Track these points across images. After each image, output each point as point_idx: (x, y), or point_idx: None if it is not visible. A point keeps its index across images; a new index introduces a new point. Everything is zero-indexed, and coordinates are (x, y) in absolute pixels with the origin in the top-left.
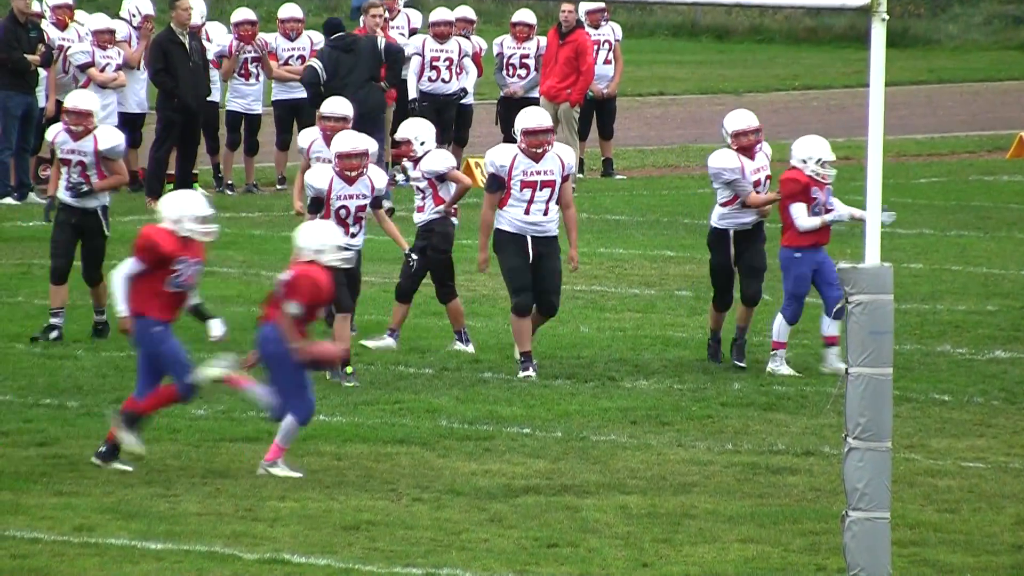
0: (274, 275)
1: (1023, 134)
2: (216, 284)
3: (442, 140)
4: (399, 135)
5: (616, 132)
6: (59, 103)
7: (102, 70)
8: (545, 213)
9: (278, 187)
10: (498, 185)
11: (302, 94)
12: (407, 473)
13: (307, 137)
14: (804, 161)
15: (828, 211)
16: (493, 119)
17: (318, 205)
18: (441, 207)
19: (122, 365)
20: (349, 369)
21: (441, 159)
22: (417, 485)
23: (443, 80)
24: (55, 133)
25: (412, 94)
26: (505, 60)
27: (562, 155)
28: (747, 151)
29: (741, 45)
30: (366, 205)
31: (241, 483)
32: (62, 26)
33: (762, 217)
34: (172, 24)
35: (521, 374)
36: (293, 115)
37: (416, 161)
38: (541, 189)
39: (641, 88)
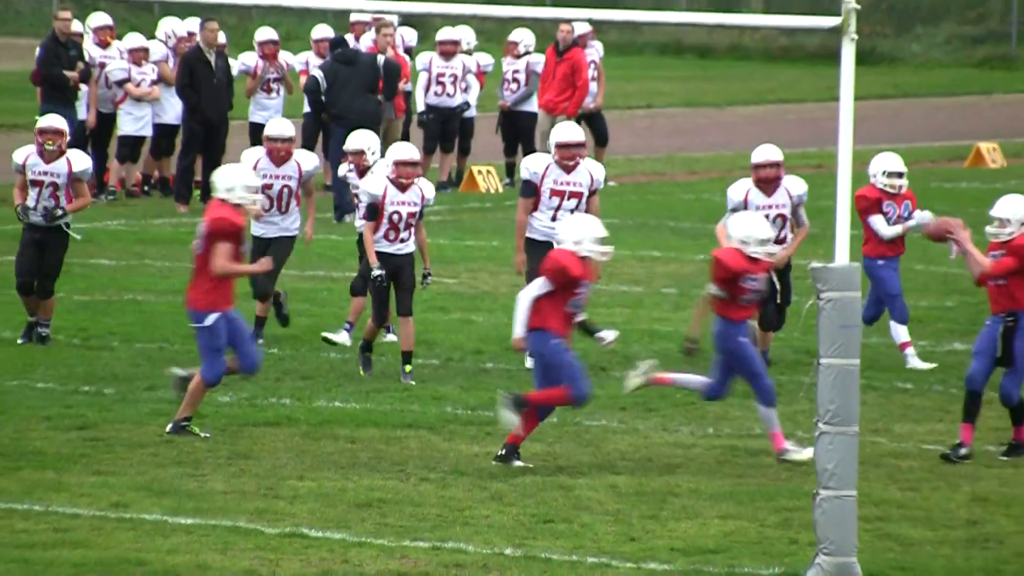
0: (305, 275)
1: (980, 144)
2: (242, 282)
3: (446, 149)
4: (353, 146)
5: (608, 141)
6: (99, 114)
7: (137, 85)
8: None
9: None
10: (531, 190)
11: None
12: (415, 455)
13: (253, 156)
14: (874, 176)
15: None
16: (494, 129)
17: (373, 211)
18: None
19: (155, 356)
20: (408, 368)
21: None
22: (424, 466)
23: (448, 94)
24: (25, 155)
25: (419, 107)
26: (507, 80)
27: (592, 170)
28: (765, 184)
29: (722, 62)
30: (416, 212)
31: (263, 464)
32: (104, 45)
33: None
34: (200, 42)
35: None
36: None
37: (364, 172)
38: (569, 199)
39: (630, 101)
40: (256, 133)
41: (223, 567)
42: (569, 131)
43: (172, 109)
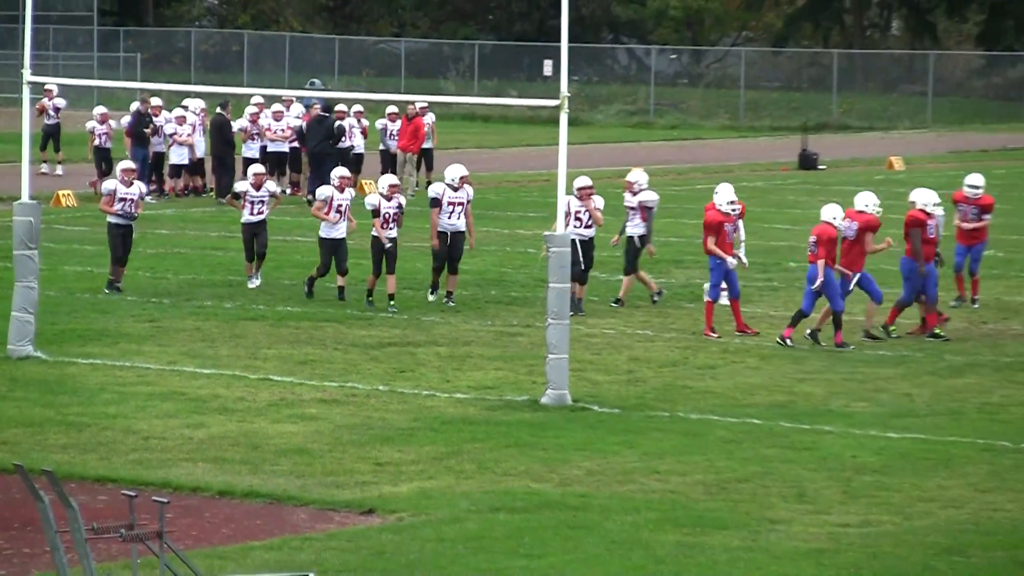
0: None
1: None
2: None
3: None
4: (260, 169)
5: (435, 167)
6: (156, 154)
7: (179, 135)
8: (458, 219)
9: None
10: (436, 203)
11: (281, 148)
12: (331, 335)
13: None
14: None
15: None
16: (376, 160)
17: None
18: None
19: (192, 283)
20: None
21: (276, 184)
22: (335, 341)
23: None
24: (114, 184)
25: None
26: (388, 132)
27: (468, 190)
28: (583, 199)
29: (497, 124)
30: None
31: (248, 340)
32: (155, 114)
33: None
34: (221, 112)
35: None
36: (281, 159)
37: (260, 185)
38: (457, 206)
39: (447, 145)
40: (246, 163)
41: (226, 395)
42: (458, 170)
43: (200, 149)
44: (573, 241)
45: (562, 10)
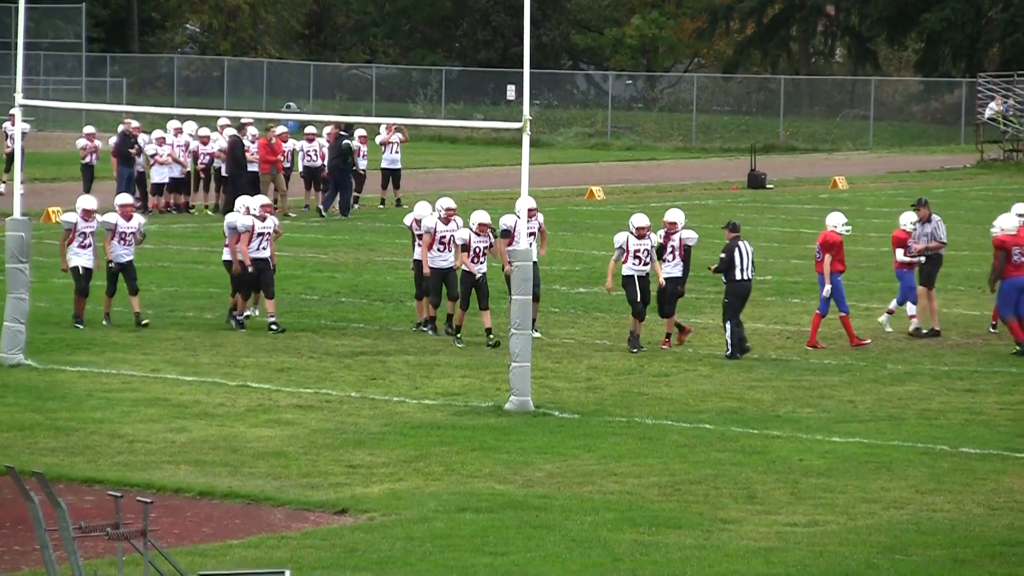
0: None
1: (592, 188)
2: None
3: (318, 188)
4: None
5: (402, 185)
6: (139, 173)
7: (158, 156)
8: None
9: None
10: (507, 235)
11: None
12: (305, 345)
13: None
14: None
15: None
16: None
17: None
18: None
19: (175, 295)
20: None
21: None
22: (310, 350)
23: (313, 160)
24: (251, 221)
25: (300, 167)
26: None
27: (540, 218)
28: (639, 237)
29: (463, 145)
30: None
31: (228, 349)
32: (136, 135)
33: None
34: (237, 135)
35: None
36: (313, 174)
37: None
38: (530, 235)
39: (414, 164)
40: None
41: (207, 401)
42: (528, 201)
43: (179, 169)
44: (632, 277)
45: (524, 38)
